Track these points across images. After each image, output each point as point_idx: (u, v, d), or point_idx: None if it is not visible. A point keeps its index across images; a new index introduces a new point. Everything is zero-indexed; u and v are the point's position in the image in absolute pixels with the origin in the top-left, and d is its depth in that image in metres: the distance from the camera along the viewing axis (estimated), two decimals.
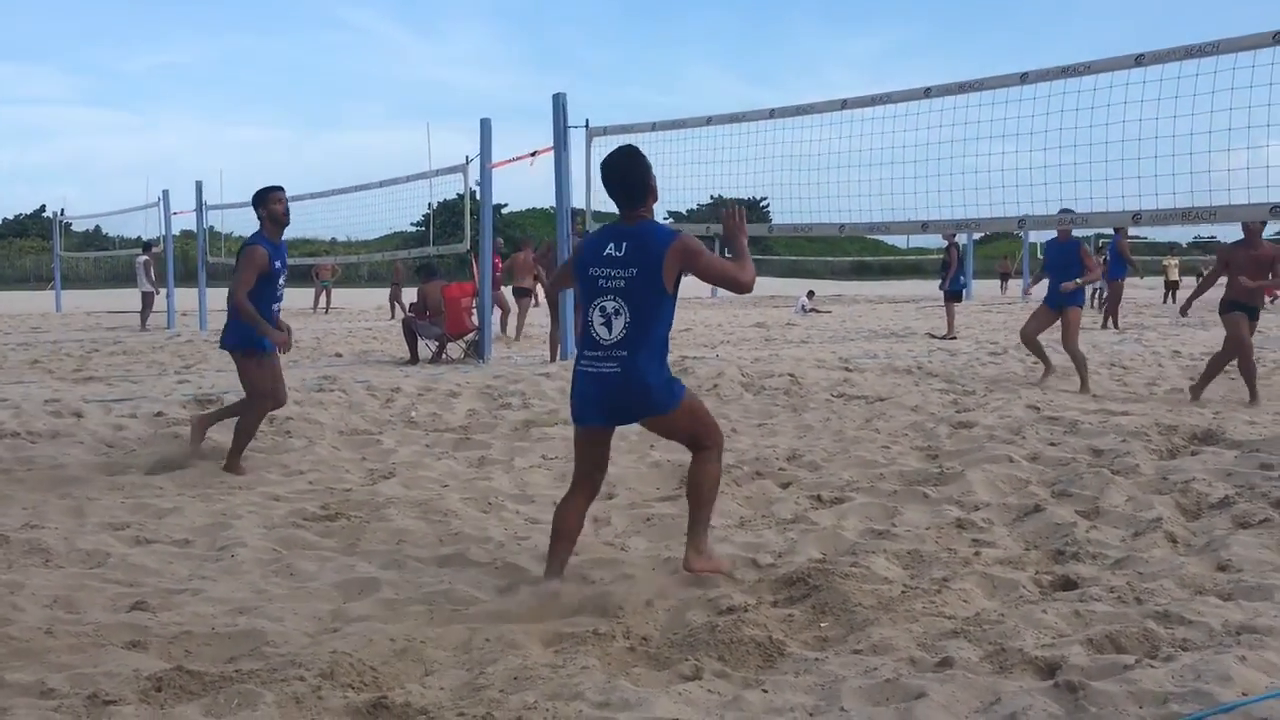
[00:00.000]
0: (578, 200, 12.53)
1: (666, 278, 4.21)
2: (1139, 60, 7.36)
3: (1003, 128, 8.43)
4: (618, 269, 4.20)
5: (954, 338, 16.89)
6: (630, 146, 4.48)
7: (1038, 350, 10.61)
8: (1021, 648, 3.40)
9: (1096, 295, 23.29)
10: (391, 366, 12.95)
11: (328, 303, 29.36)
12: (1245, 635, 3.45)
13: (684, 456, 6.67)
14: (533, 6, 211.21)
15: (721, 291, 40.84)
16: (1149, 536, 4.81)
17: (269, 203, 6.64)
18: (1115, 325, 19.27)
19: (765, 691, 3.14)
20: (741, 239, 4.51)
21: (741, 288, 4.40)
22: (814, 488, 5.96)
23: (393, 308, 24.47)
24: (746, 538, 5.07)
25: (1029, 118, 8.29)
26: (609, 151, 4.42)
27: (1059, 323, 10.23)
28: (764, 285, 42.05)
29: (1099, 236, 27.26)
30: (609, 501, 5.81)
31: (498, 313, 16.68)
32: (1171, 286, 29.56)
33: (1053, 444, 6.84)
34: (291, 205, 6.92)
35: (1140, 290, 31.05)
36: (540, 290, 18.07)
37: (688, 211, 43.20)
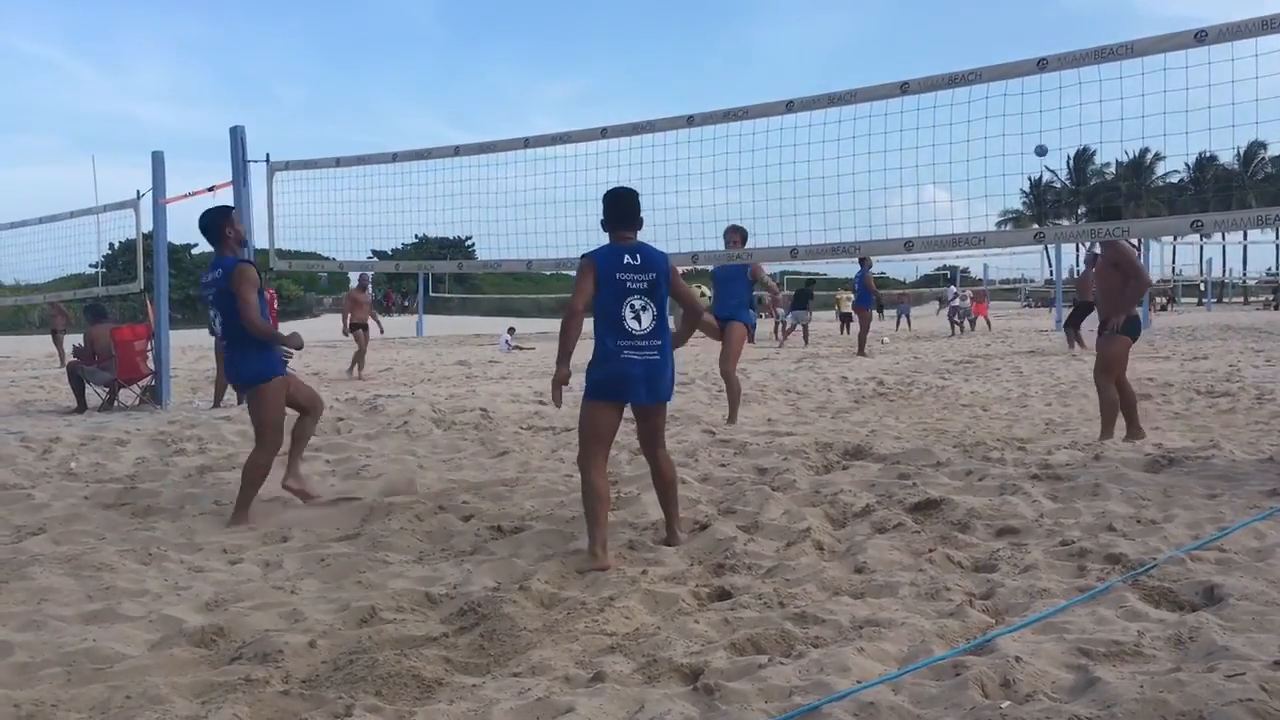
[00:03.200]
0: (259, 236, 12.04)
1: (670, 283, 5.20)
2: (789, 106, 7.95)
3: (675, 168, 8.87)
4: (640, 274, 5.08)
5: None
6: (629, 187, 5.40)
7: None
8: (671, 657, 3.57)
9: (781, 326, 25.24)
10: (55, 416, 11.94)
11: None
12: (868, 628, 3.78)
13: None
14: (226, 42, 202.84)
15: (426, 330, 40.49)
16: (799, 546, 5.17)
17: (234, 223, 6.61)
18: (863, 352, 20.51)
19: None
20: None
21: (700, 313, 5.63)
22: (495, 518, 6.01)
23: (61, 354, 22.58)
24: (423, 572, 5.03)
25: (698, 159, 8.75)
26: (616, 187, 5.36)
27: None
28: (469, 324, 42.00)
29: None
30: (282, 545, 5.62)
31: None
32: (845, 318, 32.00)
33: (723, 465, 7.22)
34: None
35: (819, 323, 33.17)
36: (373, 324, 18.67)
37: (393, 250, 42.27)
